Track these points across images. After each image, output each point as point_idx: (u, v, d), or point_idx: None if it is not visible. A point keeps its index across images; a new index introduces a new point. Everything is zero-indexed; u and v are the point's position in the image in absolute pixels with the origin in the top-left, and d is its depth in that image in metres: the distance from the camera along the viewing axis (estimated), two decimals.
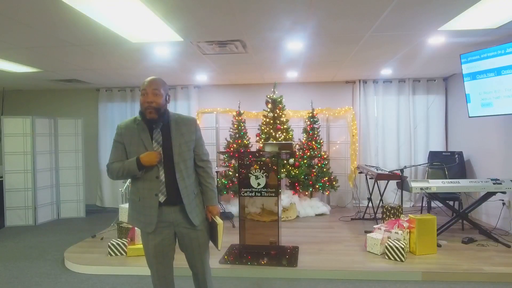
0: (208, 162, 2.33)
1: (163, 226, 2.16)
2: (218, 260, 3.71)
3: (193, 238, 2.23)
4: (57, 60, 4.47)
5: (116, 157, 2.16)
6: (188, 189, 2.19)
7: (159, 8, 2.81)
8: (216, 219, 2.26)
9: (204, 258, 2.31)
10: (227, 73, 5.64)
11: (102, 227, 5.22)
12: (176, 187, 2.13)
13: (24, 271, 3.74)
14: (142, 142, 2.11)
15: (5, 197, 5.64)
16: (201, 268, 2.31)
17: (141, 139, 2.12)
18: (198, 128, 2.29)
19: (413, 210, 5.82)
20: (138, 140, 2.12)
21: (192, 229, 2.21)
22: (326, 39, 3.79)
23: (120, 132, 2.15)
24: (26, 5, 2.70)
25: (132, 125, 2.15)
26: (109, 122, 6.89)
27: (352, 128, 6.20)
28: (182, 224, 2.19)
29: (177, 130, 2.18)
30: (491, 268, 3.42)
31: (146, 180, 2.13)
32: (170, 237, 2.21)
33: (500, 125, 4.75)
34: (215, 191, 2.34)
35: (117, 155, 2.16)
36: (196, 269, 2.31)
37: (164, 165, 2.13)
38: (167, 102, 2.17)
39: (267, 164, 3.83)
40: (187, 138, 2.19)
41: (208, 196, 2.31)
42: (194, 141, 2.23)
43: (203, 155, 2.29)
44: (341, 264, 3.61)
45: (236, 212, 4.68)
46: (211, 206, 2.30)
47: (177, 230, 2.21)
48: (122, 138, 2.15)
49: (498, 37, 3.77)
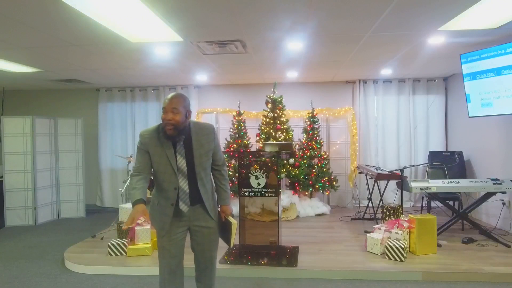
0: (224, 165, 2.46)
1: (179, 226, 2.27)
2: (218, 260, 3.71)
3: (205, 234, 2.33)
4: (57, 60, 4.47)
5: (141, 163, 2.22)
6: (208, 192, 2.32)
7: (159, 8, 2.81)
8: (230, 219, 2.36)
9: (213, 255, 2.41)
10: (227, 73, 5.65)
11: (102, 227, 5.22)
12: (197, 192, 2.26)
13: (24, 271, 3.73)
14: (165, 154, 2.19)
15: (5, 197, 5.64)
16: (210, 264, 2.40)
17: (164, 151, 2.18)
18: (216, 136, 2.39)
19: (413, 210, 5.82)
20: (161, 152, 2.19)
21: (206, 226, 2.32)
22: (326, 39, 3.79)
23: (145, 142, 2.21)
24: (26, 5, 2.70)
25: (155, 134, 2.20)
26: (109, 122, 6.90)
27: (352, 128, 6.20)
28: (197, 221, 2.30)
29: (197, 141, 2.26)
30: (491, 268, 3.42)
31: (163, 190, 2.23)
32: (184, 235, 2.32)
33: (500, 125, 4.75)
34: (228, 192, 2.47)
35: (143, 161, 2.22)
36: (205, 265, 2.39)
37: (188, 175, 2.23)
38: (187, 119, 2.21)
39: (267, 164, 3.83)
40: (206, 148, 2.28)
41: (222, 197, 2.44)
42: (212, 149, 2.33)
43: (219, 161, 2.42)
44: (341, 264, 3.61)
45: (236, 212, 4.68)
46: (225, 206, 2.43)
47: (192, 227, 2.31)
48: (147, 147, 2.20)
49: (498, 37, 3.77)
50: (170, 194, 2.21)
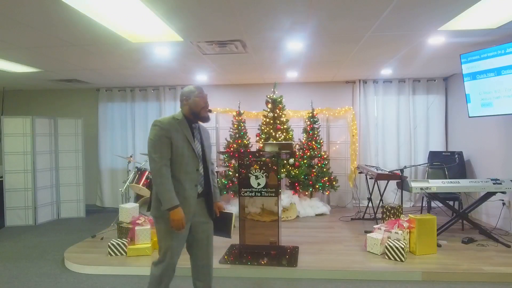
0: (213, 165, 2.68)
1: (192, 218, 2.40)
2: (218, 260, 3.72)
3: (204, 230, 2.47)
4: (57, 60, 4.47)
5: (166, 152, 2.31)
6: (214, 180, 2.58)
7: (159, 8, 2.82)
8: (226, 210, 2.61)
9: (211, 250, 2.53)
10: (227, 73, 5.65)
11: (102, 227, 5.22)
12: (207, 180, 2.47)
13: (24, 271, 3.73)
14: (186, 137, 2.38)
15: (5, 197, 5.64)
16: (209, 261, 2.51)
17: (184, 135, 2.38)
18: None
19: (413, 210, 5.83)
20: (183, 136, 2.37)
21: (205, 222, 2.48)
22: (326, 39, 3.79)
23: (166, 128, 2.32)
24: (26, 5, 2.70)
25: (172, 122, 2.38)
26: (109, 122, 6.90)
27: (352, 128, 6.20)
28: (199, 215, 2.44)
29: (204, 134, 2.55)
30: (491, 268, 3.42)
31: (188, 173, 2.36)
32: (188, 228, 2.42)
33: (500, 125, 4.75)
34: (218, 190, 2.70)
35: (167, 150, 2.31)
36: (205, 261, 2.49)
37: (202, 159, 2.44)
38: None
39: (267, 164, 3.83)
40: (208, 143, 2.58)
41: (216, 194, 2.60)
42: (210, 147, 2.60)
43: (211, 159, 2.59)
44: (341, 264, 3.61)
45: (236, 212, 4.68)
46: (219, 203, 2.62)
47: (193, 222, 2.42)
48: (169, 133, 2.32)
49: (498, 37, 3.77)
50: (194, 176, 2.37)
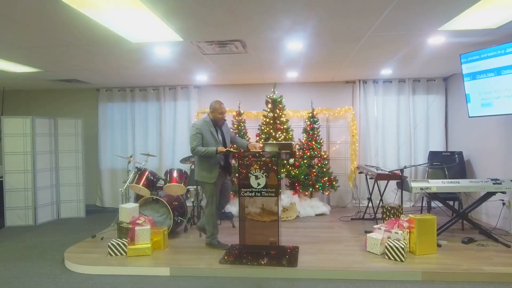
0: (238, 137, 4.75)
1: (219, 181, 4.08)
2: (218, 260, 3.72)
3: (225, 185, 4.25)
4: (57, 60, 4.47)
5: (198, 143, 3.90)
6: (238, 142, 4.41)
7: (159, 8, 2.81)
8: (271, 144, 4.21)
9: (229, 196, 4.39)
10: (227, 73, 5.65)
11: (102, 227, 5.22)
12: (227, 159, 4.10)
13: (24, 271, 3.73)
14: (212, 135, 4.00)
15: (5, 197, 5.64)
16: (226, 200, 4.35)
17: (212, 133, 4.00)
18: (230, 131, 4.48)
19: (413, 210, 5.83)
20: (210, 134, 3.99)
21: (225, 181, 4.24)
22: (326, 39, 3.79)
23: (200, 127, 3.96)
24: (27, 5, 2.70)
25: (204, 123, 4.02)
26: (109, 122, 6.90)
27: (352, 128, 6.20)
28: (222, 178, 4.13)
29: (225, 128, 4.20)
30: (491, 268, 3.42)
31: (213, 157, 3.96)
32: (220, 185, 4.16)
33: (500, 125, 4.75)
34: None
35: (199, 141, 3.92)
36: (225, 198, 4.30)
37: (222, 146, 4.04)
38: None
39: (267, 164, 3.83)
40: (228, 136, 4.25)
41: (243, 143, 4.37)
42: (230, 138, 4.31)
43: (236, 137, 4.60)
44: (341, 264, 3.61)
45: (236, 212, 4.68)
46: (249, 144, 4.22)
47: (222, 183, 4.15)
48: (201, 131, 3.94)
49: (498, 37, 3.77)
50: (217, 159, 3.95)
